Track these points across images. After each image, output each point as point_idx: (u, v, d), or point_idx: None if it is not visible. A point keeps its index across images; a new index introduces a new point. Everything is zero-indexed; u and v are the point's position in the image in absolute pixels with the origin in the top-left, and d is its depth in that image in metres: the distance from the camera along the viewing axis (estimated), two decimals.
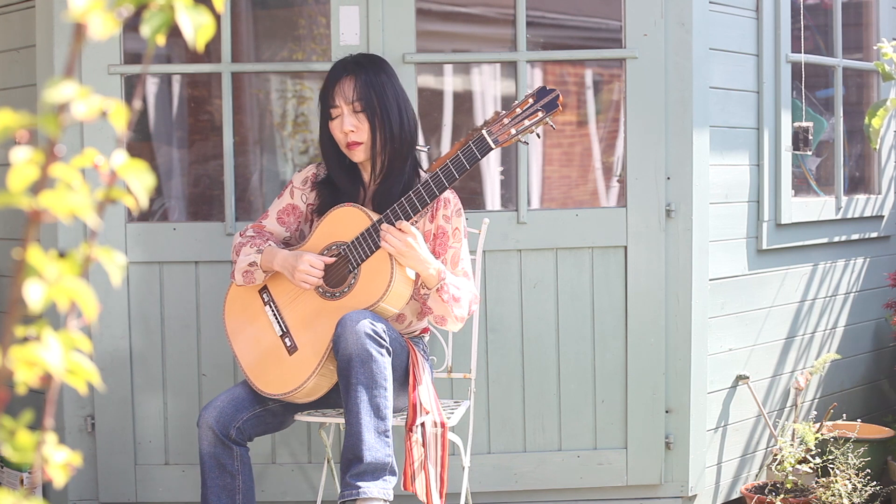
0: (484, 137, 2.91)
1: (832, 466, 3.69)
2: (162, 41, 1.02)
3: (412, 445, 2.86)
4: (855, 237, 4.31)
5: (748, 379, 3.83)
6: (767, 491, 3.70)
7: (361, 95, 3.00)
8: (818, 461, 3.72)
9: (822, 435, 3.80)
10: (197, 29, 1.02)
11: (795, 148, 3.89)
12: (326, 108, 3.05)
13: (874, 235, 4.42)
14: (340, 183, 3.10)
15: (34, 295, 0.97)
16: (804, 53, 3.96)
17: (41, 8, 3.47)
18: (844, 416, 3.99)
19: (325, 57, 4.03)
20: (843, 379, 4.32)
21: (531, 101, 2.93)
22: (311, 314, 2.99)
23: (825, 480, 3.62)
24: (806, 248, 4.08)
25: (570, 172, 5.37)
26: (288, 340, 3.00)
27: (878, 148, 4.21)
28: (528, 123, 2.92)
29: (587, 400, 3.58)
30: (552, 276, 3.55)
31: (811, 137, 3.87)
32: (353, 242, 2.97)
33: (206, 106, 4.77)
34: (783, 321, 4.01)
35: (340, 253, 2.99)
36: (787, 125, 3.90)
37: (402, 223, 2.90)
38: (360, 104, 3.00)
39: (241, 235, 3.11)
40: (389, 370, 2.80)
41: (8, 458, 1.03)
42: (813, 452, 3.73)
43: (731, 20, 3.73)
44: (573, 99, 5.27)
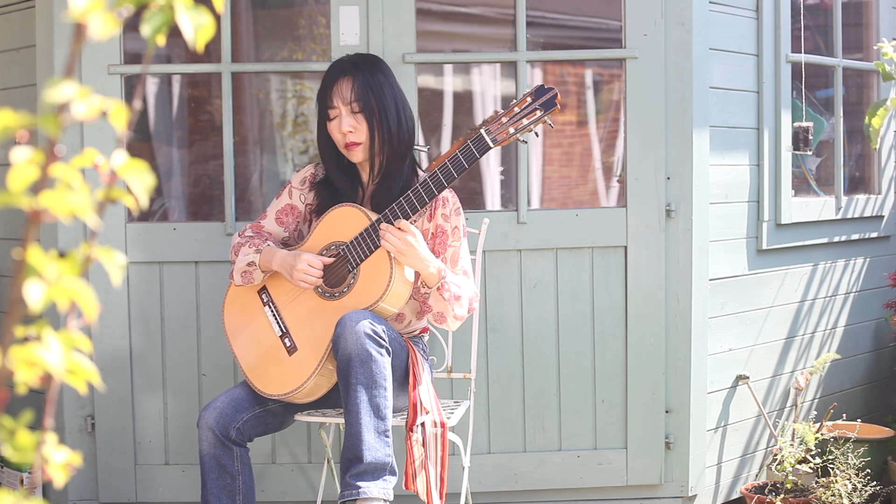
0: (482, 137, 2.91)
1: (832, 466, 3.69)
2: (162, 41, 1.02)
3: (413, 445, 2.86)
4: (855, 237, 4.31)
5: (748, 379, 3.83)
6: (767, 491, 3.70)
7: (359, 96, 3.00)
8: (818, 461, 3.72)
9: (822, 435, 3.80)
10: (197, 29, 1.02)
11: (795, 148, 3.89)
12: (324, 108, 3.05)
13: (874, 235, 4.42)
14: (339, 183, 3.10)
15: (34, 295, 0.97)
16: (804, 53, 3.96)
17: (41, 8, 3.47)
18: (844, 416, 3.98)
19: (325, 57, 4.03)
20: (843, 379, 4.32)
21: (529, 99, 2.92)
22: (310, 314, 2.99)
23: (825, 480, 3.62)
24: (806, 248, 4.08)
25: (570, 172, 5.36)
26: (287, 341, 3.00)
27: (878, 148, 4.20)
28: (526, 122, 2.91)
29: (587, 400, 3.58)
30: (552, 276, 3.55)
31: (811, 137, 3.87)
32: (352, 242, 2.97)
33: (206, 106, 4.77)
34: (783, 321, 4.01)
35: (339, 253, 2.99)
36: (787, 125, 3.90)
37: (401, 222, 2.89)
38: (357, 105, 3.00)
39: (239, 235, 3.11)
40: (389, 370, 2.80)
41: (8, 458, 1.03)
42: (813, 452, 3.73)
43: (731, 20, 3.73)
44: (573, 99, 5.27)
